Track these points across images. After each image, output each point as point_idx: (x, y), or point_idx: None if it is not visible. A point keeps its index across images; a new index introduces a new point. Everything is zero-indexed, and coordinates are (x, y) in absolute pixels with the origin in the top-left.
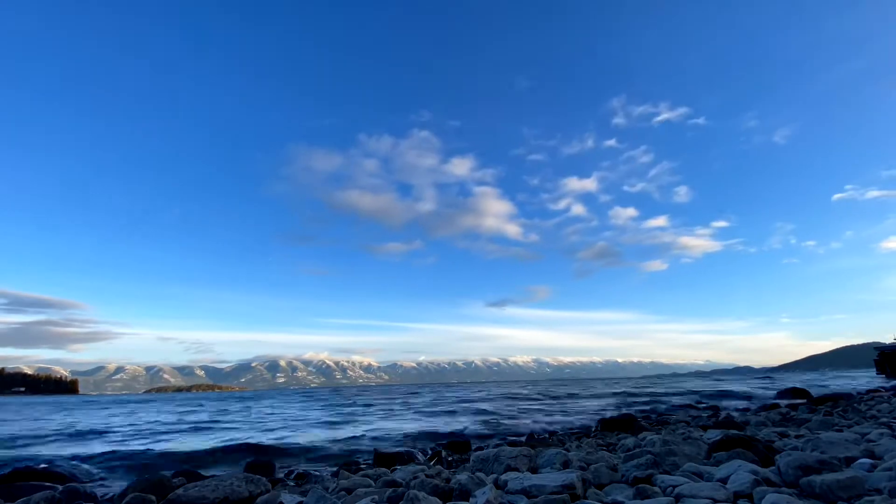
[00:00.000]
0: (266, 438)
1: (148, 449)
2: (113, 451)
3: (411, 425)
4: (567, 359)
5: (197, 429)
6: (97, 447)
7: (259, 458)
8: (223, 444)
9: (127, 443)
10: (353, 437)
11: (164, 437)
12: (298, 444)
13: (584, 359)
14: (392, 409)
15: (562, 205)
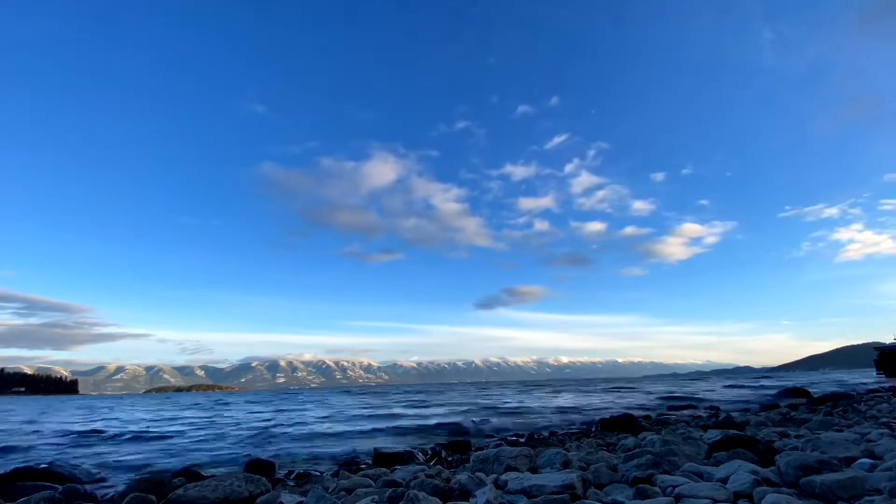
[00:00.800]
0: None
1: (148, 448)
2: (113, 451)
3: None
4: (567, 359)
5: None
6: (97, 447)
7: (259, 459)
8: None
9: (127, 442)
10: None
11: (163, 437)
12: None
13: (585, 359)
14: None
15: (523, 220)
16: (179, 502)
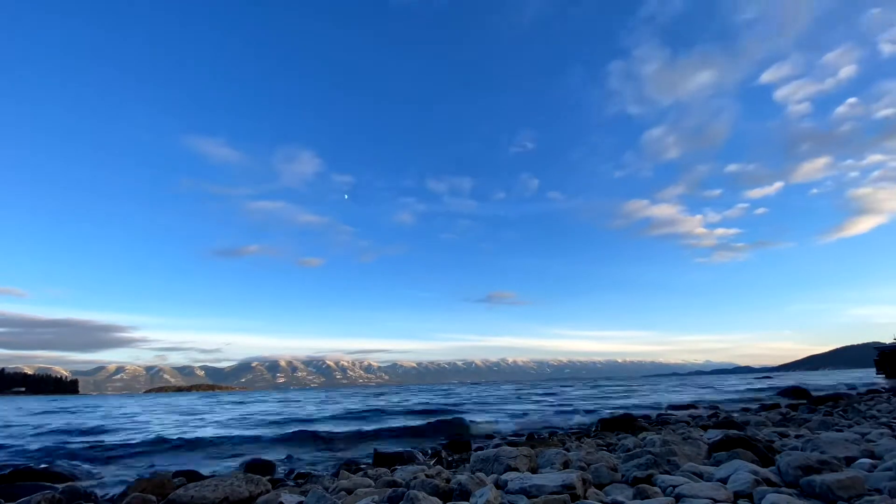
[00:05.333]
0: None
1: (147, 448)
2: (113, 451)
3: None
4: (567, 359)
5: None
6: (98, 446)
7: (259, 458)
8: None
9: (127, 443)
10: None
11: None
12: None
13: (585, 359)
14: None
15: None
16: (180, 502)
